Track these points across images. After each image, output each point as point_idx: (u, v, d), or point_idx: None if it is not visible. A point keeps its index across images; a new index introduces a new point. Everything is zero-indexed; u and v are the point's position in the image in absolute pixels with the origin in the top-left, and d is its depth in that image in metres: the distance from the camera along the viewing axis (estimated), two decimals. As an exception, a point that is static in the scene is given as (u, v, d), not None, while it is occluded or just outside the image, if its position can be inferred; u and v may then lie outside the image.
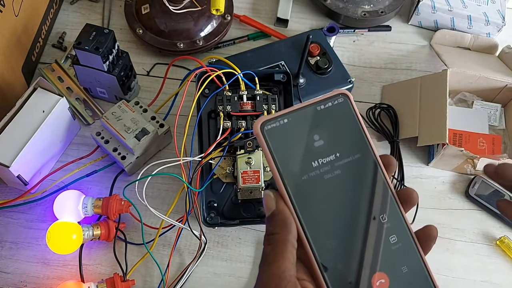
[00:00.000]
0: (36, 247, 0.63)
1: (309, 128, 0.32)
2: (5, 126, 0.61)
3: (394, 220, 0.32)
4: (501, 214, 0.57)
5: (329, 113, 0.32)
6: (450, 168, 0.73)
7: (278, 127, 0.31)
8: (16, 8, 0.67)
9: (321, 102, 0.32)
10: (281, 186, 0.31)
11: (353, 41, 0.84)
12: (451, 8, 0.82)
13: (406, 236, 0.32)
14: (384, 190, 0.33)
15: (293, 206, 0.31)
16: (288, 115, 0.31)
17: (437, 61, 0.81)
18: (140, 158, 0.66)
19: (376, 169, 0.33)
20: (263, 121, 0.31)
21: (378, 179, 0.33)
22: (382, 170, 0.33)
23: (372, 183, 0.32)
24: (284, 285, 0.30)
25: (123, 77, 0.69)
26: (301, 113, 0.32)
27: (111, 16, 0.82)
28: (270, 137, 0.31)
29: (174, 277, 0.62)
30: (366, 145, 0.33)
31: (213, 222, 0.62)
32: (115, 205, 0.61)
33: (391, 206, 0.32)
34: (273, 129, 0.31)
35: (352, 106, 0.33)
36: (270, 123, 0.31)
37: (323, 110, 0.32)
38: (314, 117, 0.32)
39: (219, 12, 0.67)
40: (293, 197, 0.31)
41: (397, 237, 0.32)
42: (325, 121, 0.32)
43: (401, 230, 0.32)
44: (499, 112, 0.77)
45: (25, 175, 0.62)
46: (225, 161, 0.63)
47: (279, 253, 0.31)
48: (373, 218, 0.32)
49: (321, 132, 0.32)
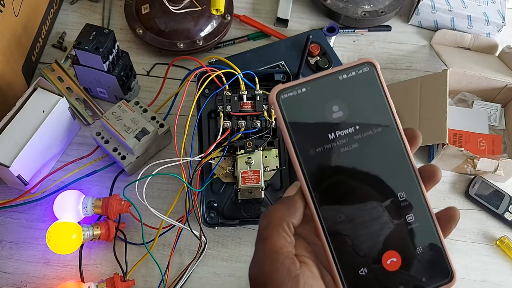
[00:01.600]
0: (36, 247, 0.63)
1: (329, 98, 0.30)
2: (5, 126, 0.61)
3: (413, 198, 0.30)
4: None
5: (352, 83, 0.30)
6: (450, 168, 0.73)
7: (296, 96, 0.30)
8: (16, 8, 0.67)
9: (344, 70, 0.30)
10: (294, 156, 0.30)
11: (353, 41, 0.84)
12: (451, 8, 0.82)
13: (425, 216, 0.31)
14: (405, 167, 0.31)
15: (304, 178, 0.30)
16: (308, 84, 0.30)
17: (437, 61, 0.81)
18: (140, 158, 0.66)
19: (398, 145, 0.31)
20: (280, 89, 0.30)
21: (399, 155, 0.31)
22: (405, 146, 0.31)
23: (392, 159, 0.31)
24: (281, 260, 0.29)
25: (123, 77, 0.69)
26: (322, 82, 0.30)
27: (111, 16, 0.82)
28: (286, 106, 0.29)
29: (174, 277, 0.62)
30: (390, 119, 0.31)
31: (213, 222, 0.62)
32: (115, 205, 0.61)
33: (411, 184, 0.31)
34: (290, 98, 0.29)
35: (379, 76, 0.31)
36: (287, 92, 0.30)
37: (345, 80, 0.30)
38: (335, 87, 0.30)
39: (219, 12, 0.67)
40: (305, 168, 0.30)
41: (415, 217, 0.30)
42: (346, 91, 0.30)
43: (420, 209, 0.31)
44: (499, 112, 0.77)
45: (25, 175, 0.62)
46: (225, 161, 0.63)
47: (274, 229, 0.30)
48: (389, 195, 0.30)
49: (341, 103, 0.30)
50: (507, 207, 0.70)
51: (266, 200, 0.63)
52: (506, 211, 0.70)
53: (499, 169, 0.68)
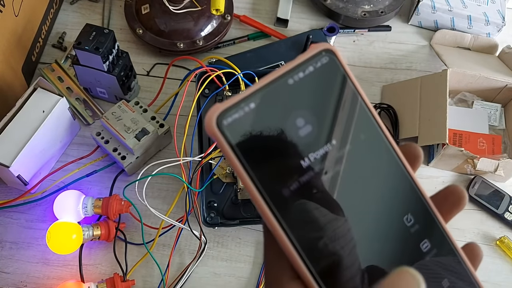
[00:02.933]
0: (36, 247, 0.63)
1: (288, 110, 0.21)
2: (5, 126, 0.61)
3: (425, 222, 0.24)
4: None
5: (312, 83, 0.22)
6: (450, 168, 0.73)
7: (243, 118, 0.21)
8: (16, 8, 0.67)
9: (298, 67, 0.22)
10: (262, 205, 0.21)
11: (353, 41, 0.84)
12: (451, 8, 0.82)
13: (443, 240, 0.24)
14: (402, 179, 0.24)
15: (284, 232, 0.21)
16: (254, 97, 0.21)
17: (437, 61, 0.81)
18: (140, 158, 0.66)
19: (388, 151, 0.24)
20: (220, 111, 0.20)
21: (393, 164, 0.24)
22: (395, 152, 0.24)
23: (384, 170, 0.24)
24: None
25: (123, 77, 0.69)
26: (273, 90, 0.21)
27: (111, 16, 0.82)
28: (233, 134, 0.20)
29: (174, 277, 0.62)
30: (370, 121, 0.23)
31: (213, 222, 0.62)
32: (115, 205, 0.61)
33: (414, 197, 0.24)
34: (235, 122, 0.21)
35: (343, 67, 0.23)
36: (230, 114, 0.21)
37: (302, 80, 0.22)
38: (292, 92, 0.22)
39: (219, 12, 0.67)
40: (282, 219, 0.21)
41: (429, 241, 0.24)
42: (308, 95, 0.22)
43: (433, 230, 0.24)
44: (499, 112, 0.77)
45: (25, 175, 0.62)
46: (225, 161, 0.63)
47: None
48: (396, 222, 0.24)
49: (305, 113, 0.22)
50: (507, 207, 0.70)
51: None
52: (506, 211, 0.70)
53: (499, 169, 0.68)
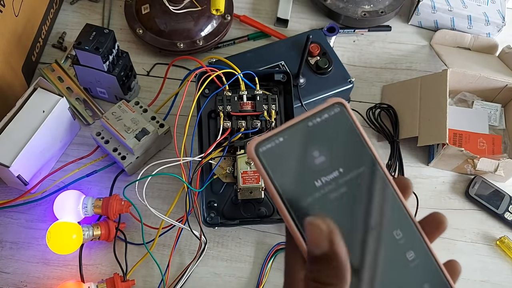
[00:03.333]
0: (36, 247, 0.63)
1: (307, 145, 0.29)
2: (5, 126, 0.61)
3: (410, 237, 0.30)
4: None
5: (326, 126, 0.30)
6: (450, 168, 0.73)
7: (274, 148, 0.29)
8: (16, 8, 0.67)
9: (316, 114, 0.30)
10: (285, 212, 0.28)
11: (353, 41, 0.84)
12: (451, 8, 0.82)
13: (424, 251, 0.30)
14: (394, 202, 0.30)
15: (300, 234, 0.28)
16: (283, 133, 0.29)
17: (437, 61, 0.81)
18: (140, 158, 0.66)
19: (382, 180, 0.30)
20: (258, 142, 0.28)
21: (386, 190, 0.30)
22: (389, 181, 0.30)
23: (379, 195, 0.30)
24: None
25: (123, 77, 0.69)
26: (297, 129, 0.29)
27: (111, 16, 0.82)
28: (267, 159, 0.28)
29: (174, 277, 0.62)
30: (369, 156, 0.30)
31: (213, 222, 0.62)
32: (115, 205, 0.61)
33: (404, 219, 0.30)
34: (268, 150, 0.28)
35: (350, 115, 0.30)
36: (265, 144, 0.28)
37: (319, 123, 0.30)
38: (311, 132, 0.29)
39: (219, 12, 0.67)
40: (299, 224, 0.28)
41: (415, 253, 0.29)
42: (323, 134, 0.30)
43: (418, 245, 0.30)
44: (499, 112, 0.77)
45: (25, 175, 0.62)
46: (225, 161, 0.63)
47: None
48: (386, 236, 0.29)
49: (320, 147, 0.29)
50: (507, 207, 0.70)
51: (266, 200, 0.63)
52: (506, 211, 0.70)
53: (499, 169, 0.68)
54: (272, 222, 0.63)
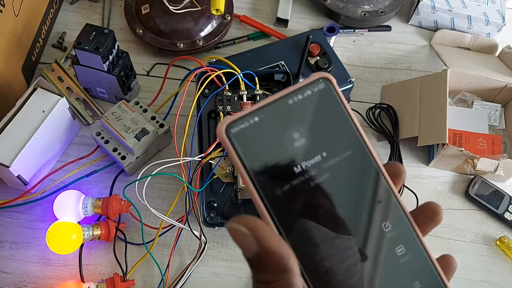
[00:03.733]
0: (36, 247, 0.63)
1: (286, 125, 0.26)
2: (5, 126, 0.61)
3: (400, 228, 0.27)
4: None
5: (309, 104, 0.26)
6: (450, 168, 0.73)
7: (248, 128, 0.25)
8: (16, 8, 0.67)
9: (298, 91, 0.26)
10: (257, 199, 0.25)
11: (353, 41, 0.84)
12: (451, 8, 0.82)
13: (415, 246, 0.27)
14: (383, 191, 0.27)
15: (275, 226, 0.25)
16: (260, 112, 0.26)
17: (437, 61, 0.81)
18: (140, 158, 0.66)
19: (371, 166, 0.27)
20: (229, 122, 0.25)
21: (375, 177, 0.27)
22: (378, 166, 0.27)
23: (367, 183, 0.27)
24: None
25: (123, 77, 0.69)
26: (275, 107, 0.26)
27: (111, 16, 0.82)
28: (239, 141, 0.25)
29: (174, 277, 0.62)
30: (358, 139, 0.27)
31: (213, 222, 0.62)
32: (115, 205, 0.61)
33: (394, 209, 0.27)
34: (242, 131, 0.25)
35: (337, 93, 0.27)
36: (237, 124, 0.25)
37: (301, 101, 0.26)
38: (291, 111, 0.26)
39: (219, 12, 0.67)
40: (272, 211, 0.25)
41: (405, 248, 0.27)
42: (304, 114, 0.26)
43: (409, 238, 0.27)
44: (499, 112, 0.77)
45: (25, 175, 0.62)
46: (225, 161, 0.63)
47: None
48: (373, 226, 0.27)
49: (301, 128, 0.26)
50: (507, 207, 0.70)
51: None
52: (506, 211, 0.70)
53: (499, 169, 0.68)
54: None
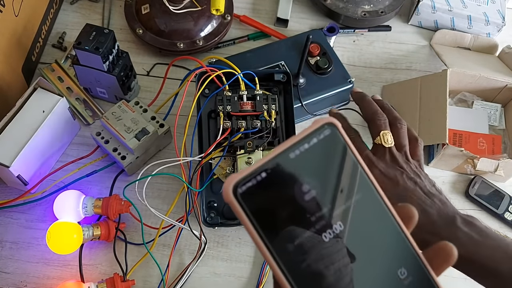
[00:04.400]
0: (36, 247, 0.63)
1: (295, 178, 0.24)
2: (5, 126, 0.61)
3: (415, 272, 0.26)
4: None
5: (316, 152, 0.25)
6: (450, 168, 0.73)
7: (256, 186, 0.24)
8: (16, 8, 0.67)
9: (303, 140, 0.25)
10: (270, 259, 0.24)
11: (353, 41, 0.84)
12: (451, 8, 0.82)
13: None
14: (397, 237, 0.27)
15: (288, 282, 0.24)
16: (265, 167, 0.24)
17: (437, 61, 0.81)
18: (140, 158, 0.66)
19: (383, 212, 0.27)
20: (236, 181, 0.24)
21: (387, 223, 0.26)
22: (391, 212, 0.27)
23: (380, 229, 0.26)
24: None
25: (123, 77, 0.69)
26: (281, 160, 0.24)
27: (111, 16, 0.82)
28: (248, 201, 0.24)
29: (174, 277, 0.62)
30: (368, 184, 0.26)
31: (213, 222, 0.62)
32: (115, 205, 0.61)
33: (409, 255, 0.27)
34: (249, 190, 0.24)
35: (343, 137, 0.26)
36: (245, 183, 0.24)
37: (308, 150, 0.25)
38: (298, 162, 0.25)
39: (219, 12, 0.67)
40: (288, 273, 0.24)
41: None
42: (312, 164, 0.25)
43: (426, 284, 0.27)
44: (499, 112, 0.77)
45: (25, 175, 0.62)
46: (225, 161, 0.63)
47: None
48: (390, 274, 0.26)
49: (310, 180, 0.25)
50: (507, 207, 0.70)
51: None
52: (506, 211, 0.70)
53: (499, 169, 0.68)
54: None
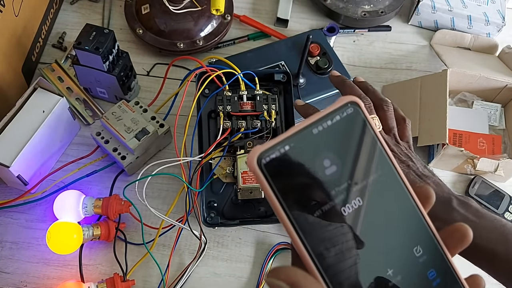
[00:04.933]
0: (36, 247, 0.63)
1: (317, 152, 0.25)
2: (5, 126, 0.61)
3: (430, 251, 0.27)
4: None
5: (339, 129, 0.26)
6: (450, 168, 0.73)
7: (279, 158, 0.25)
8: (16, 8, 0.67)
9: (327, 116, 0.26)
10: (291, 230, 0.25)
11: (353, 41, 0.84)
12: (451, 8, 0.82)
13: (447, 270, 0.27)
14: (413, 214, 0.27)
15: (309, 254, 0.25)
16: (290, 140, 0.25)
17: (437, 61, 0.81)
18: (140, 158, 0.66)
19: (401, 190, 0.27)
20: (261, 152, 0.25)
21: (406, 202, 0.27)
22: (409, 191, 0.27)
23: (398, 208, 0.27)
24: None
25: (123, 77, 0.69)
26: (305, 135, 0.25)
27: (111, 16, 0.82)
28: (271, 171, 0.25)
29: (174, 277, 0.62)
30: (388, 163, 0.27)
31: (213, 222, 0.62)
32: (115, 205, 0.61)
33: (425, 234, 0.27)
34: (273, 161, 0.25)
35: (366, 117, 0.27)
36: (268, 154, 0.25)
37: (330, 127, 0.26)
38: (321, 137, 0.26)
39: (219, 12, 0.67)
40: (307, 243, 0.25)
41: (436, 272, 0.27)
42: (335, 140, 0.26)
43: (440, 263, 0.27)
44: (499, 112, 0.77)
45: (25, 175, 0.62)
46: (225, 161, 0.63)
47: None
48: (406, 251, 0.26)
49: (332, 155, 0.26)
50: (507, 207, 0.70)
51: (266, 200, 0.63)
52: (506, 211, 0.70)
53: (499, 169, 0.68)
54: (272, 222, 0.63)
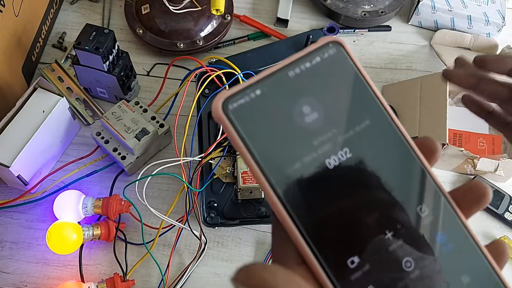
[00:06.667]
0: (36, 247, 0.63)
1: (294, 98, 0.22)
2: (5, 126, 0.61)
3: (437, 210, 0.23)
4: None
5: (319, 72, 0.22)
6: (450, 168, 0.73)
7: (250, 104, 0.21)
8: (16, 8, 0.67)
9: (304, 58, 0.22)
10: (267, 187, 0.21)
11: (353, 41, 0.84)
12: (451, 8, 0.82)
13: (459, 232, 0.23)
14: (413, 165, 0.23)
15: (287, 213, 0.21)
16: (261, 84, 0.22)
17: (437, 61, 0.81)
18: (140, 158, 0.66)
19: (397, 139, 0.23)
20: (227, 96, 0.21)
21: (403, 151, 0.23)
22: (406, 140, 0.23)
23: (394, 158, 0.23)
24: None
25: (123, 77, 0.69)
26: (279, 78, 0.22)
27: (111, 16, 0.82)
28: (239, 119, 0.21)
29: (174, 277, 0.62)
30: (377, 107, 0.23)
31: (213, 222, 0.62)
32: (115, 205, 0.61)
33: (429, 190, 0.23)
34: (241, 107, 0.21)
35: (350, 57, 0.23)
36: (236, 100, 0.21)
37: (309, 69, 0.22)
38: (298, 81, 0.22)
39: (219, 12, 0.67)
40: (286, 201, 0.21)
41: (447, 235, 0.23)
42: (314, 84, 0.22)
43: (450, 224, 0.23)
44: (499, 112, 0.77)
45: (25, 175, 0.62)
46: (225, 161, 0.63)
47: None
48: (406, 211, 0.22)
49: (312, 101, 0.22)
50: (507, 207, 0.70)
51: (266, 200, 0.63)
52: (506, 211, 0.70)
53: (499, 169, 0.68)
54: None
